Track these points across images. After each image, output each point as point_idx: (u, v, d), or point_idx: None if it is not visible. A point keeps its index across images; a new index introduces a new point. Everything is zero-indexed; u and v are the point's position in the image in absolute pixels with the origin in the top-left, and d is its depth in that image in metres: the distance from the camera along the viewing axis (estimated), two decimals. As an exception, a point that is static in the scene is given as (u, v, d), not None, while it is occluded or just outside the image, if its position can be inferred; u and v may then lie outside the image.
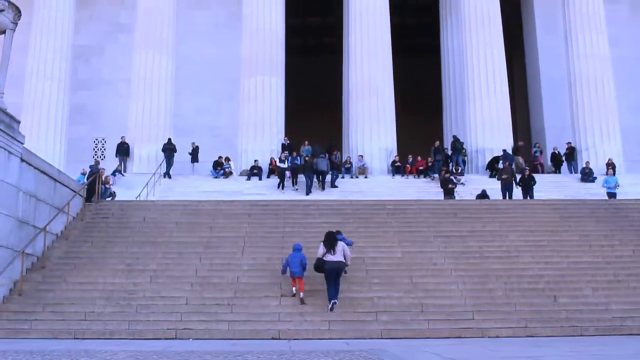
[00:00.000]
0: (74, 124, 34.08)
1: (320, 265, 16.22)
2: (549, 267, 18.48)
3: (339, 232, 17.75)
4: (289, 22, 35.71)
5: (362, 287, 17.24)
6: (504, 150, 30.80)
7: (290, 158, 29.97)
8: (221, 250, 19.39)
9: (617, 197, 26.01)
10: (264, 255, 18.93)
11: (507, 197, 26.06)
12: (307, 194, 27.50)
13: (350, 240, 18.42)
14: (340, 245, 16.32)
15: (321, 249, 16.32)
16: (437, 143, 32.66)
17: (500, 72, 33.04)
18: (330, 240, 16.32)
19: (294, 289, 16.57)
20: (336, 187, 28.73)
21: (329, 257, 16.08)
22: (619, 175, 30.97)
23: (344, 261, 16.28)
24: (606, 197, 26.29)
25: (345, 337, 14.73)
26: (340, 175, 30.12)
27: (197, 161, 32.22)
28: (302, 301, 16.33)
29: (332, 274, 16.03)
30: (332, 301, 15.92)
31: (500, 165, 29.30)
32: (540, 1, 38.65)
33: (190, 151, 32.26)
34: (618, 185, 27.27)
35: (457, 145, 32.40)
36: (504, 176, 26.90)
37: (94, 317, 15.76)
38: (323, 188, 28.56)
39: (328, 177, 28.75)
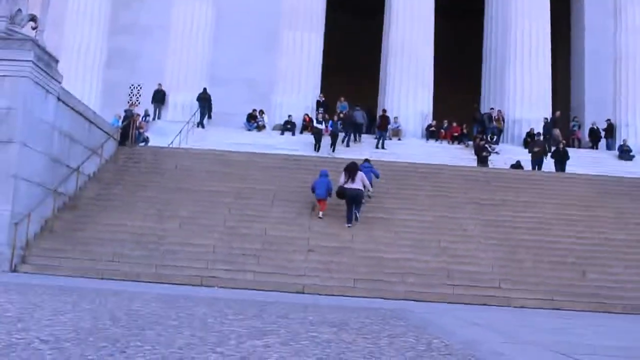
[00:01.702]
0: (111, 68, 34.06)
1: (341, 192, 18.27)
2: (580, 242, 18.37)
3: (367, 161, 20.02)
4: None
5: (390, 247, 17.28)
6: (545, 118, 30.44)
7: (331, 122, 29.28)
8: (251, 202, 19.48)
9: None
10: (293, 210, 19.00)
11: (537, 170, 25.78)
12: (347, 146, 27.59)
13: (378, 171, 19.92)
14: (360, 174, 18.28)
15: (342, 178, 18.31)
16: (491, 109, 32.05)
17: (544, 43, 32.41)
18: (351, 170, 18.25)
19: (319, 212, 18.67)
20: (385, 149, 28.47)
21: (349, 185, 18.03)
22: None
23: (362, 189, 18.24)
24: None
25: (370, 295, 14.80)
26: (376, 137, 29.65)
27: (163, 103, 31.87)
28: (320, 219, 18.46)
29: (352, 200, 18.00)
30: (348, 224, 18.06)
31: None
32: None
33: (155, 91, 31.87)
34: None
35: (478, 116, 31.99)
36: (535, 149, 26.61)
37: (122, 258, 16.00)
38: (358, 140, 28.89)
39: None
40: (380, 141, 28.79)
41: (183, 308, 8.60)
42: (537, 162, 26.23)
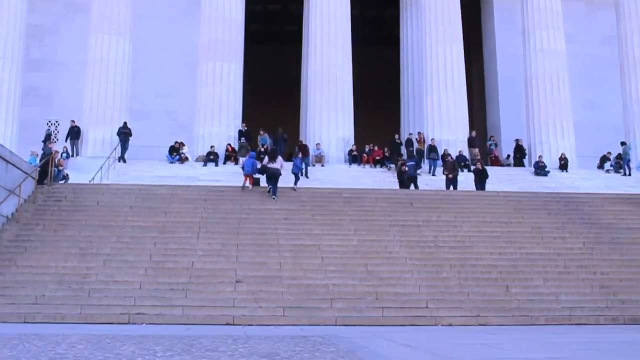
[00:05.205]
0: (26, 106, 33.28)
1: (264, 169, 23.26)
2: (502, 258, 18.83)
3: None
4: (249, 8, 35.53)
5: (318, 274, 17.33)
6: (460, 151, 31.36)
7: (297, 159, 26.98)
8: (176, 235, 19.26)
9: (584, 191, 25.99)
10: (219, 241, 18.88)
11: (453, 189, 26.26)
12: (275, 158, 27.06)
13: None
14: (279, 158, 23.63)
15: (266, 160, 23.60)
16: (432, 140, 31.85)
17: (459, 68, 33.25)
18: (272, 155, 23.77)
19: (246, 182, 23.53)
20: (307, 177, 27.85)
21: (271, 165, 23.00)
22: (571, 170, 31.70)
23: (280, 169, 23.08)
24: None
25: (299, 323, 14.76)
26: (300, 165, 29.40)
27: (78, 139, 31.08)
28: (248, 189, 23.27)
29: (272, 175, 22.74)
30: (273, 196, 22.36)
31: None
32: (499, -2, 39.15)
33: (69, 128, 31.21)
34: None
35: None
36: (446, 173, 27.16)
37: (45, 300, 15.54)
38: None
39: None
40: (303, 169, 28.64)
41: (110, 348, 8.43)
42: (450, 183, 26.75)
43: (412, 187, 26.57)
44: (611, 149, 33.69)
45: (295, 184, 24.25)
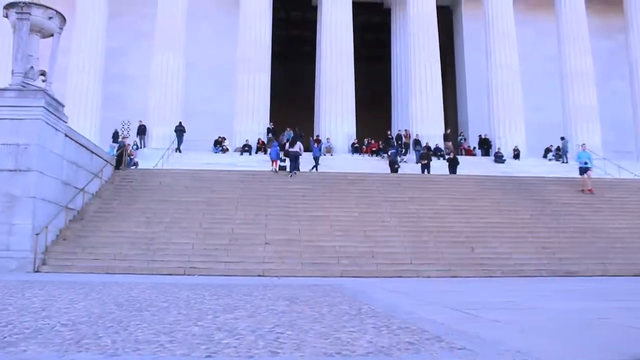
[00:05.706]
0: (105, 109, 33.49)
1: (286, 153, 23.91)
2: (469, 226, 18.79)
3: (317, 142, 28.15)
4: (275, 32, 35.46)
5: (328, 237, 17.39)
6: (437, 144, 31.25)
7: (316, 148, 27.37)
8: (220, 208, 19.37)
9: (532, 175, 25.52)
10: (252, 212, 18.96)
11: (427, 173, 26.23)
12: (294, 144, 25.54)
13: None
14: (298, 143, 23.68)
15: (287, 145, 24.20)
16: (417, 135, 31.82)
17: (436, 80, 33.11)
18: (293, 141, 23.96)
19: (273, 166, 24.08)
20: (319, 164, 27.27)
21: (291, 149, 23.38)
22: (522, 159, 31.56)
23: (299, 151, 23.38)
24: (579, 173, 23.50)
25: (314, 275, 14.86)
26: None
27: (144, 134, 31.42)
28: (275, 171, 23.13)
29: (293, 157, 23.09)
30: (291, 172, 22.40)
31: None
32: (468, 24, 38.82)
33: (138, 126, 31.59)
34: (590, 160, 23.41)
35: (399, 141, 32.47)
36: (423, 161, 27.15)
37: (121, 257, 15.71)
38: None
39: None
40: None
41: (171, 293, 8.56)
42: (424, 168, 26.74)
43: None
44: (553, 142, 33.60)
45: (315, 166, 25.52)
